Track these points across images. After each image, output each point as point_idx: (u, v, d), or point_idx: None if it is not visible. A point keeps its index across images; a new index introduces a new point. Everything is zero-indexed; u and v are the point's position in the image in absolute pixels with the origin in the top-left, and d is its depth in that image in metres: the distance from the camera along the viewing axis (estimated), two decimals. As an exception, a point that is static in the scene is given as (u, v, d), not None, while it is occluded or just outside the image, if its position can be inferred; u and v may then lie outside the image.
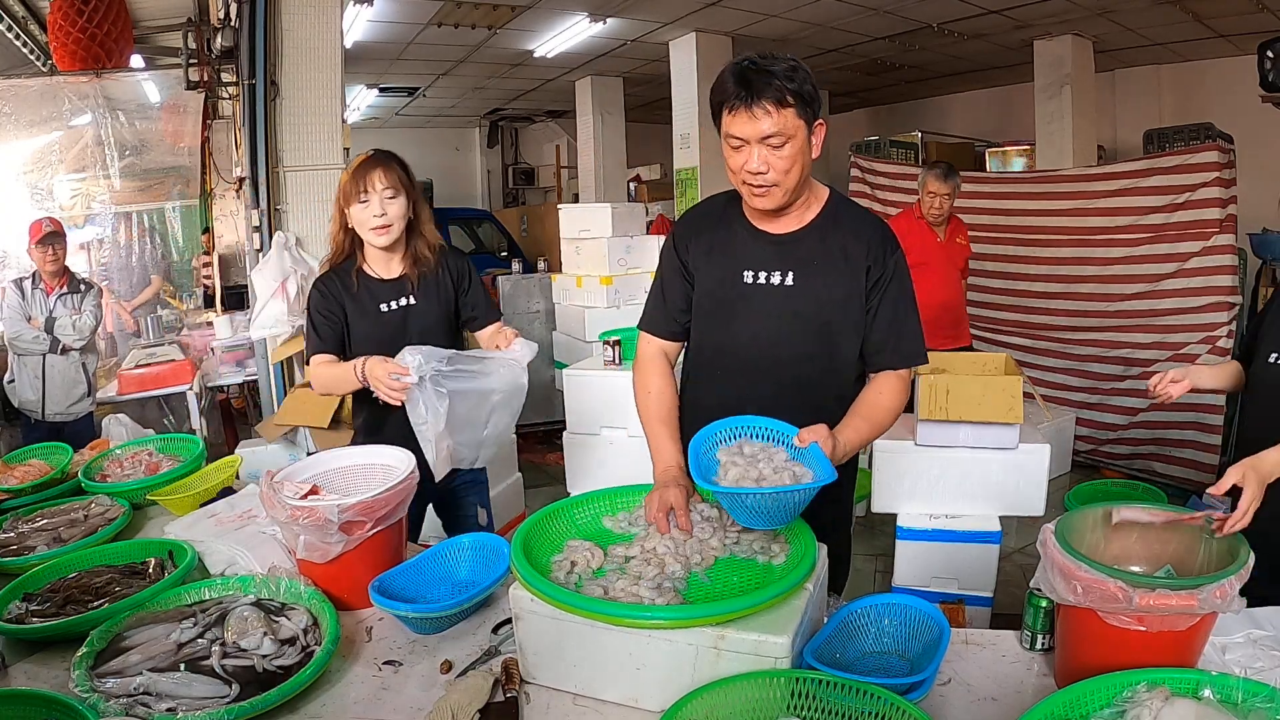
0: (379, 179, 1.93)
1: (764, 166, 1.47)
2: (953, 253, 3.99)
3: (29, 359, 3.92)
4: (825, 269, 1.58)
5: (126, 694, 1.17)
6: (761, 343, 1.61)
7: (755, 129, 1.44)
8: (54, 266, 3.94)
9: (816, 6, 6.43)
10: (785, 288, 1.59)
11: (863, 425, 1.53)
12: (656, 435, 1.63)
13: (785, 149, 1.46)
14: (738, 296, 1.62)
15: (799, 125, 1.46)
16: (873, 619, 1.31)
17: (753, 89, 1.42)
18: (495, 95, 10.27)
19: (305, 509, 1.40)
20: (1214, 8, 6.18)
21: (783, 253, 1.60)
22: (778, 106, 1.42)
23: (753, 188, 1.51)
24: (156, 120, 5.38)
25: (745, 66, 1.45)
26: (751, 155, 1.47)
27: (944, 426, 2.66)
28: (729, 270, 1.63)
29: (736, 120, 1.45)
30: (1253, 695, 0.96)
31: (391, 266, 2.05)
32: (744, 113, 1.44)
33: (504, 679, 1.23)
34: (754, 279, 1.60)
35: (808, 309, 1.58)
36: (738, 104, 1.44)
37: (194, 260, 5.70)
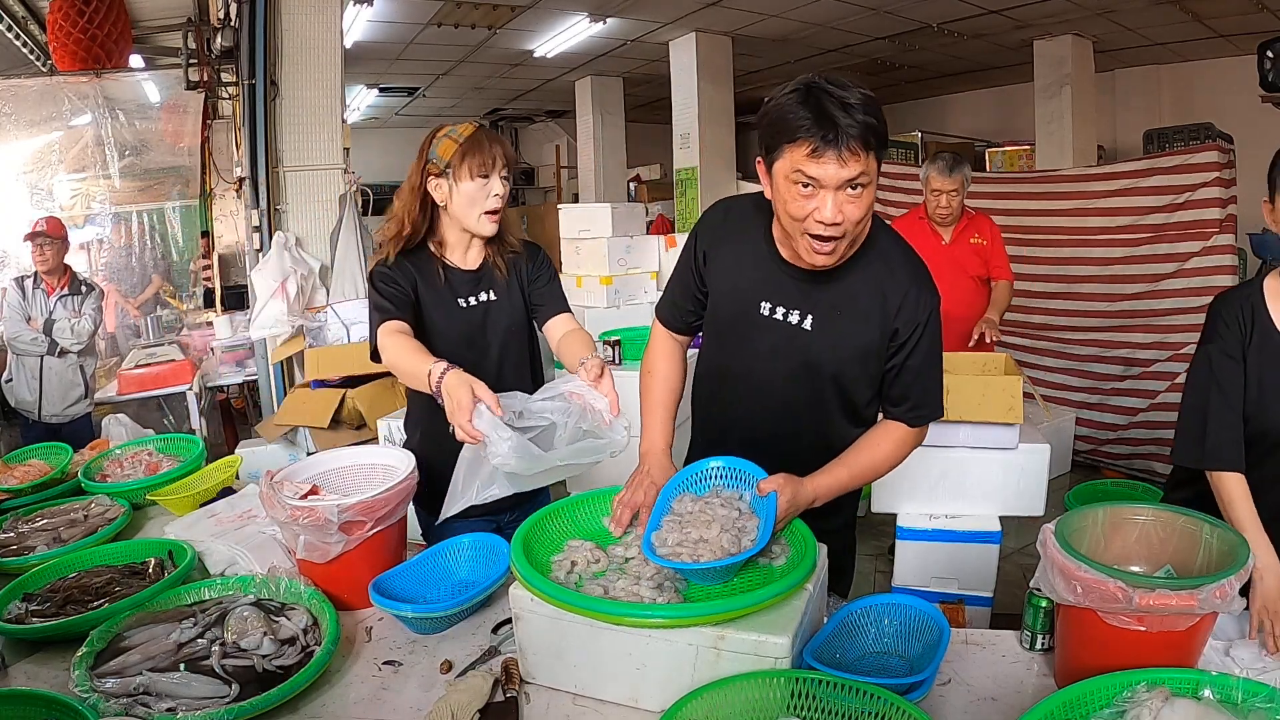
0: (501, 156, 1.71)
1: (839, 217, 1.27)
2: (961, 256, 3.45)
3: (27, 360, 3.91)
4: (848, 319, 1.44)
5: (126, 694, 1.16)
6: (766, 378, 1.51)
7: (841, 174, 1.23)
8: (44, 267, 3.91)
9: (816, 6, 6.43)
10: (801, 331, 1.45)
11: (843, 474, 1.44)
12: (649, 415, 1.61)
13: (864, 194, 1.28)
14: (750, 325, 1.50)
15: (876, 170, 1.28)
16: (873, 619, 1.31)
17: (839, 129, 1.21)
18: (495, 95, 10.27)
19: (305, 509, 1.40)
20: (1214, 8, 6.18)
21: (804, 292, 1.45)
22: (865, 149, 1.23)
23: (818, 240, 1.30)
24: (156, 120, 5.38)
25: (822, 95, 1.23)
26: (825, 203, 1.26)
27: (944, 426, 2.66)
28: (746, 295, 1.50)
29: (820, 162, 1.23)
30: (1253, 695, 0.96)
31: (470, 256, 1.82)
32: (832, 155, 1.22)
33: (504, 679, 1.23)
34: (770, 312, 1.47)
35: (820, 358, 1.46)
36: (823, 146, 1.22)
37: (194, 260, 5.70)
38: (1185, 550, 1.25)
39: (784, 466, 1.37)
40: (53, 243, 3.90)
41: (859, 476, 1.48)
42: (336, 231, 4.45)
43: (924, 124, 8.97)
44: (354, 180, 4.61)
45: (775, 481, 1.33)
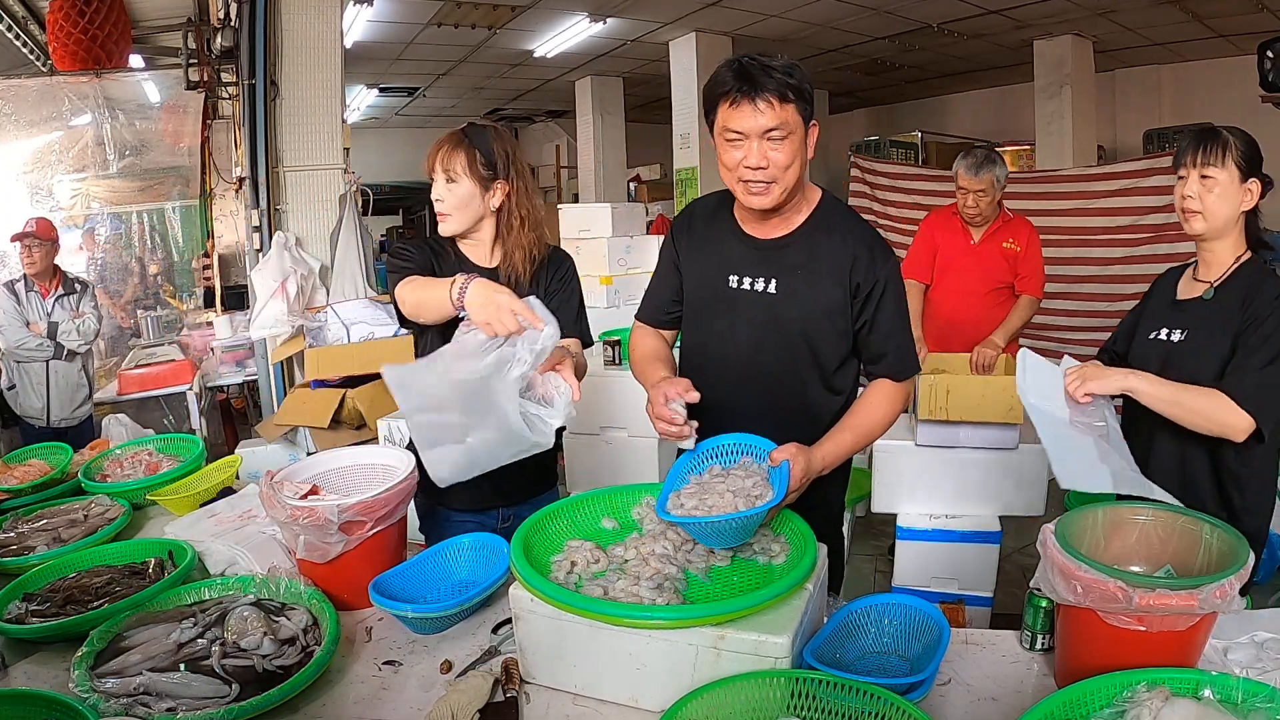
0: (441, 161, 1.71)
1: (764, 161, 1.44)
2: (987, 259, 3.23)
3: (31, 366, 3.83)
4: (809, 278, 1.56)
5: (126, 694, 1.16)
6: (741, 348, 1.61)
7: (757, 123, 1.42)
8: (32, 270, 3.82)
9: (816, 6, 6.44)
10: (768, 295, 1.58)
11: (848, 438, 1.53)
12: (648, 370, 1.64)
13: (786, 144, 1.44)
14: (721, 300, 1.62)
15: (799, 122, 1.45)
16: (873, 619, 1.31)
17: (755, 82, 1.40)
18: (495, 95, 10.28)
19: (305, 509, 1.40)
20: (1214, 8, 6.18)
21: (767, 259, 1.59)
22: (780, 100, 1.41)
23: (750, 184, 1.48)
24: (156, 120, 5.39)
25: (745, 61, 1.44)
26: (751, 150, 1.45)
27: (944, 426, 2.66)
28: (715, 272, 1.63)
29: (737, 113, 1.43)
30: (1253, 695, 0.96)
31: (484, 257, 1.81)
32: (747, 105, 1.41)
33: (504, 679, 1.23)
34: (738, 284, 1.60)
35: (788, 317, 1.57)
36: (739, 97, 1.41)
37: (194, 260, 5.70)
38: (1185, 550, 1.25)
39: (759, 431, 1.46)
40: (42, 245, 3.81)
41: (862, 436, 1.56)
42: (336, 231, 4.45)
43: (924, 124, 8.97)
44: (354, 180, 4.61)
45: (787, 450, 1.37)
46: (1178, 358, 1.66)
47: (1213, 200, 1.60)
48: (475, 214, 1.74)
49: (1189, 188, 1.63)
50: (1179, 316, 1.70)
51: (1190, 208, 1.63)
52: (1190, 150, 1.63)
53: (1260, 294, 1.58)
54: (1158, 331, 1.72)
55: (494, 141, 1.73)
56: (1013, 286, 3.24)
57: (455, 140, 1.72)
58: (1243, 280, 1.64)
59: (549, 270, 1.84)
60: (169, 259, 5.76)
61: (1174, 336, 1.69)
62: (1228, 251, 1.66)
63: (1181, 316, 1.70)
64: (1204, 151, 1.60)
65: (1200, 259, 1.72)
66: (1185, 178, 1.64)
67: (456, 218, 1.73)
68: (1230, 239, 1.66)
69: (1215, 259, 1.68)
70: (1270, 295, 1.57)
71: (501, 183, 1.73)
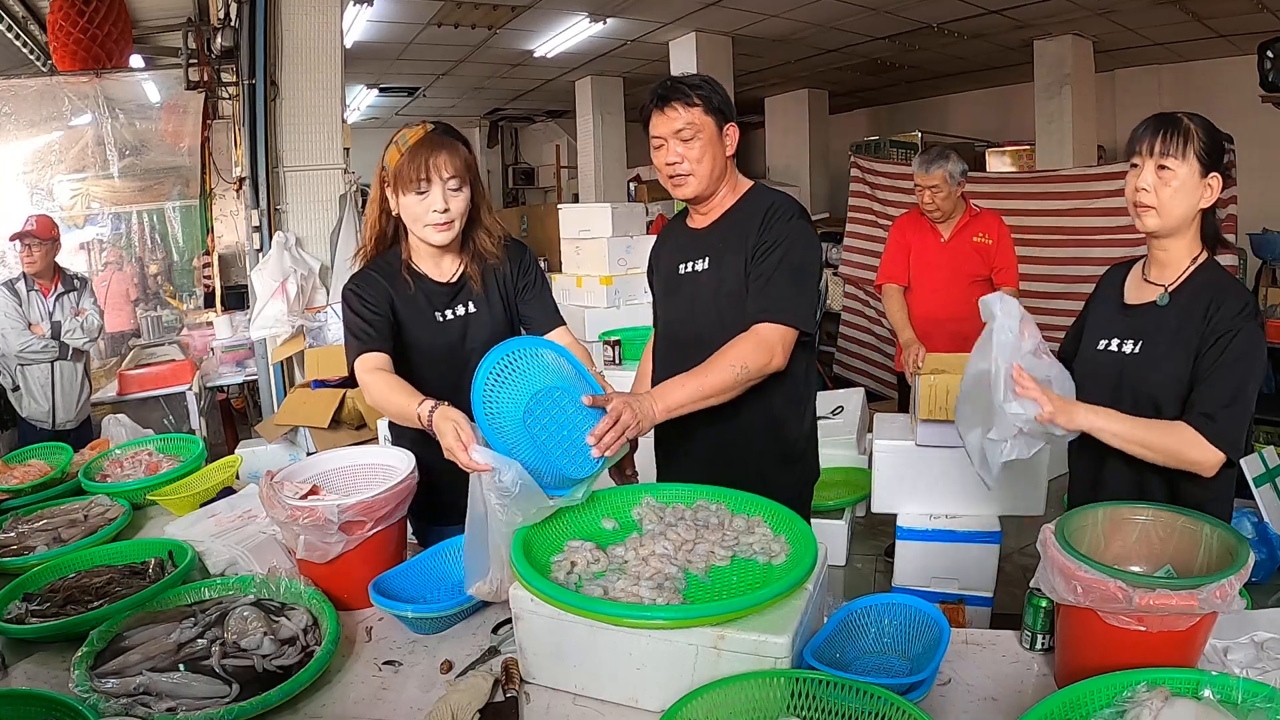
0: (444, 166, 1.59)
1: (677, 158, 1.70)
2: (960, 255, 3.31)
3: (35, 368, 3.77)
4: (731, 250, 1.73)
5: (126, 694, 1.16)
6: (689, 325, 1.80)
7: (669, 126, 1.69)
8: (32, 269, 3.78)
9: (816, 6, 6.43)
10: (704, 273, 1.78)
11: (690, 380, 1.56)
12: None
13: (695, 141, 1.69)
14: (675, 286, 1.84)
15: (707, 121, 1.69)
16: (873, 619, 1.31)
17: (665, 93, 1.69)
18: (495, 95, 10.27)
19: (305, 509, 1.40)
20: (1214, 8, 6.18)
21: (701, 241, 1.80)
22: (686, 105, 1.68)
23: (672, 180, 1.74)
24: (156, 120, 5.39)
25: (664, 81, 1.72)
26: (669, 149, 1.71)
27: (944, 426, 2.65)
28: (670, 264, 1.85)
29: (654, 122, 1.71)
30: (1253, 695, 0.96)
31: (444, 266, 1.74)
32: (657, 114, 1.70)
33: (504, 679, 1.23)
34: (685, 269, 1.81)
35: (719, 289, 1.74)
36: (652, 108, 1.71)
37: (194, 260, 5.70)
38: (1185, 550, 1.25)
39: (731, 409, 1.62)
40: (42, 244, 3.77)
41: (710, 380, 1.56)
42: (336, 231, 4.45)
43: (924, 124, 8.97)
44: (354, 180, 4.61)
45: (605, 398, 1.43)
46: (1133, 371, 1.52)
47: (1169, 194, 1.45)
48: (464, 221, 1.69)
49: (1144, 178, 1.46)
50: (1130, 324, 1.56)
51: (1143, 201, 1.47)
52: (1148, 137, 1.46)
53: (1223, 307, 1.44)
54: (1108, 341, 1.58)
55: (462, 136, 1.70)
56: (989, 280, 3.29)
57: (449, 143, 1.62)
58: (1200, 286, 1.49)
59: (513, 265, 1.80)
60: (169, 259, 5.76)
61: (1126, 348, 1.55)
62: (1182, 251, 1.51)
63: (1133, 324, 1.56)
64: (1163, 139, 1.44)
65: (1151, 258, 1.56)
66: (1139, 166, 1.47)
67: (457, 225, 1.67)
68: (1186, 238, 1.51)
69: (1169, 259, 1.53)
70: (1233, 311, 1.43)
71: (478, 187, 1.71)
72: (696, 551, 1.33)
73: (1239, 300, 1.46)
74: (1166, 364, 1.49)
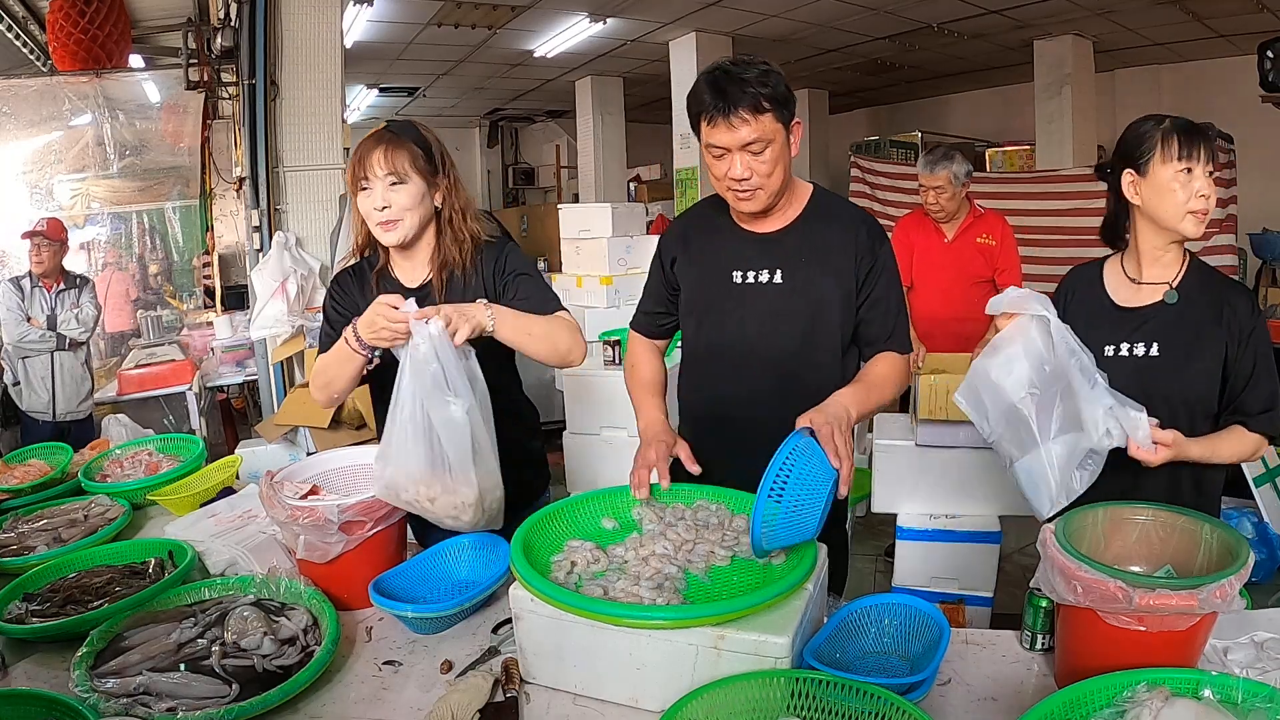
0: (379, 162, 1.55)
1: (747, 173, 1.50)
2: (964, 255, 3.32)
3: (36, 360, 3.89)
4: (812, 264, 1.60)
5: (126, 694, 1.16)
6: (752, 341, 1.63)
7: (735, 138, 1.46)
8: (39, 269, 3.90)
9: (816, 6, 6.44)
10: (774, 286, 1.61)
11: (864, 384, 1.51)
12: (640, 398, 1.71)
13: (766, 154, 1.49)
14: (728, 296, 1.64)
15: (777, 129, 1.49)
16: (873, 619, 1.31)
17: (728, 98, 1.44)
18: (495, 95, 10.27)
19: (305, 509, 1.40)
20: (1214, 8, 6.18)
21: (769, 250, 1.62)
22: (755, 113, 1.45)
23: (738, 193, 1.54)
24: (156, 120, 5.39)
25: (718, 75, 1.47)
26: (734, 163, 1.49)
27: (944, 426, 2.66)
28: (718, 271, 1.65)
29: (716, 131, 1.48)
30: (1253, 695, 0.96)
31: (415, 272, 1.69)
32: (722, 123, 1.46)
33: (504, 679, 1.23)
34: (743, 279, 1.63)
35: (796, 306, 1.60)
36: (715, 115, 1.46)
37: (194, 260, 5.70)
38: (1185, 550, 1.25)
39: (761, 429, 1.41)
40: (50, 245, 3.89)
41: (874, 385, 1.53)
42: (336, 231, 4.45)
43: (924, 124, 8.97)
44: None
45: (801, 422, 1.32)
46: (1156, 376, 1.51)
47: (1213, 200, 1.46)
48: (425, 216, 1.62)
49: (1206, 184, 1.43)
50: (1138, 328, 1.54)
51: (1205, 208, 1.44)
52: (1201, 145, 1.43)
53: (1235, 307, 1.48)
54: (1116, 347, 1.54)
55: (426, 134, 1.62)
56: (993, 281, 3.29)
57: (390, 138, 1.58)
58: (1200, 283, 1.52)
59: (490, 269, 1.69)
60: (169, 259, 5.76)
61: (1139, 350, 1.52)
62: (1178, 249, 1.54)
63: (1141, 328, 1.53)
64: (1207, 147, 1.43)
65: (1151, 258, 1.54)
66: (1193, 172, 1.43)
67: (409, 221, 1.59)
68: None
69: (1169, 259, 1.54)
70: (1246, 309, 1.49)
71: (442, 179, 1.62)
72: (696, 551, 1.33)
73: (1245, 297, 1.52)
74: (1195, 365, 1.50)
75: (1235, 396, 1.50)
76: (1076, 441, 1.32)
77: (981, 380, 1.38)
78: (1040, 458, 1.33)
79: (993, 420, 1.38)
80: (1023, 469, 1.38)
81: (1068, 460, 1.33)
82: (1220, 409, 1.52)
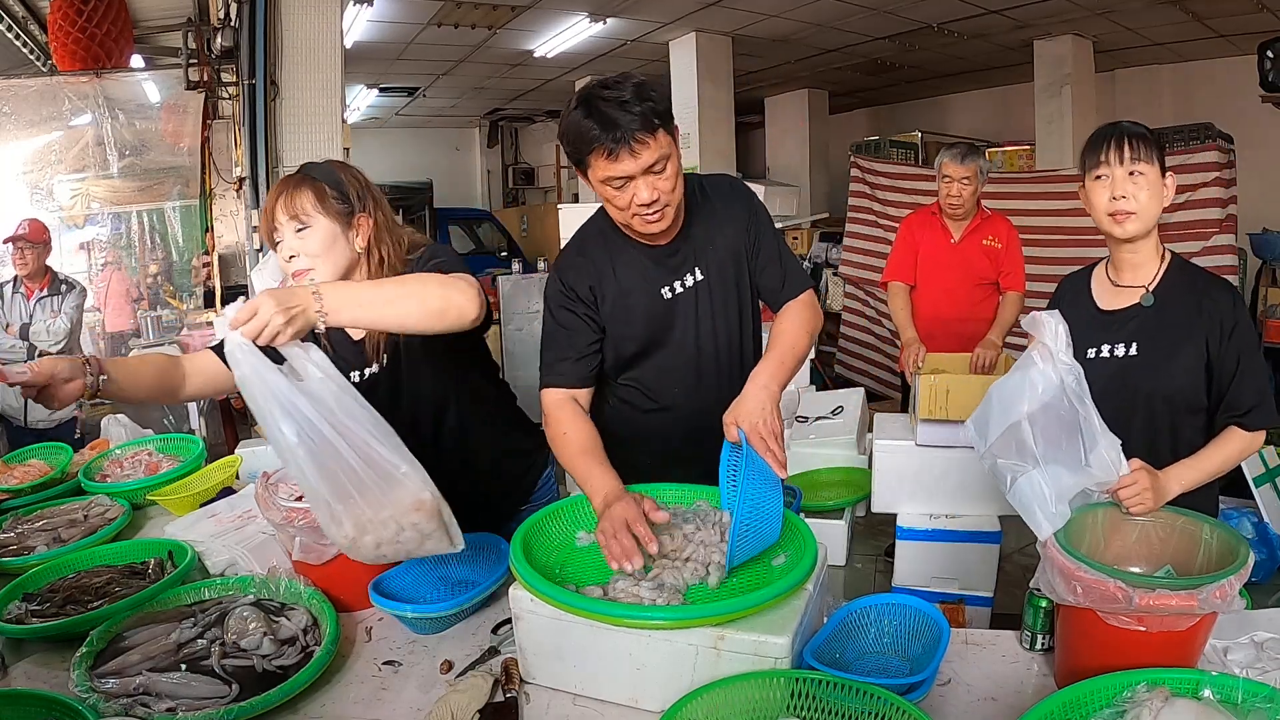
0: (281, 209, 1.45)
1: (654, 194, 1.43)
2: (970, 257, 3.27)
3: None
4: (718, 249, 1.62)
5: (126, 694, 1.16)
6: (696, 348, 1.64)
7: (638, 164, 1.39)
8: (24, 271, 3.83)
9: (816, 6, 6.44)
10: (700, 285, 1.62)
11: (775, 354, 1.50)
12: (583, 467, 1.46)
13: (668, 169, 1.44)
14: (664, 312, 1.62)
15: (669, 141, 1.43)
16: (873, 619, 1.31)
17: (620, 125, 1.36)
18: (495, 95, 10.27)
19: (302, 510, 1.40)
20: (1214, 8, 6.18)
21: (682, 254, 1.61)
22: (650, 133, 1.39)
23: (645, 218, 1.47)
24: (156, 120, 5.38)
25: (597, 104, 1.38)
26: (638, 189, 1.43)
27: (944, 426, 2.66)
28: (646, 291, 1.60)
29: (617, 163, 1.39)
30: (1253, 695, 0.96)
31: None
32: (623, 152, 1.38)
33: (504, 679, 1.23)
34: (671, 291, 1.61)
35: (722, 294, 1.63)
36: (613, 145, 1.37)
37: (194, 260, 5.70)
38: (1185, 550, 1.25)
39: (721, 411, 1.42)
40: (33, 247, 3.82)
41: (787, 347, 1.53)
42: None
43: (924, 124, 8.96)
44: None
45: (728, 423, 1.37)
46: (1138, 372, 1.54)
47: (1146, 198, 1.47)
48: (343, 259, 1.48)
49: (1120, 187, 1.47)
50: (1118, 330, 1.57)
51: (1124, 209, 1.48)
52: (1113, 147, 1.48)
53: (1216, 299, 1.50)
54: (1098, 349, 1.57)
55: (340, 172, 1.51)
56: (996, 283, 3.27)
57: (292, 181, 1.48)
58: (1179, 282, 1.55)
59: None
60: (169, 259, 5.76)
61: (1119, 351, 1.56)
62: (1152, 253, 1.55)
63: (1119, 328, 1.57)
64: (1130, 146, 1.47)
65: (1123, 263, 1.58)
66: (1107, 177, 1.49)
67: (321, 270, 1.45)
68: (1153, 239, 1.55)
69: (1140, 260, 1.56)
70: (1226, 302, 1.50)
71: (363, 216, 1.50)
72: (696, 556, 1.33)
73: (1225, 290, 1.52)
74: (1176, 361, 1.51)
75: (1224, 392, 1.50)
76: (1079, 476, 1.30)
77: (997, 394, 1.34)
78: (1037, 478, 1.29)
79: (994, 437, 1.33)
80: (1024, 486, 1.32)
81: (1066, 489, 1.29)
82: (1211, 408, 1.53)
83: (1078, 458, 1.28)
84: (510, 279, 5.75)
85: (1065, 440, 1.27)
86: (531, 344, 5.61)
